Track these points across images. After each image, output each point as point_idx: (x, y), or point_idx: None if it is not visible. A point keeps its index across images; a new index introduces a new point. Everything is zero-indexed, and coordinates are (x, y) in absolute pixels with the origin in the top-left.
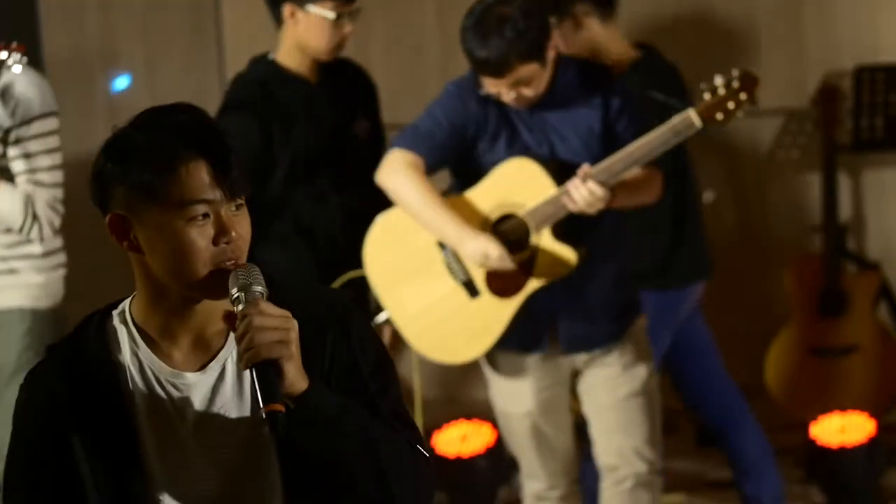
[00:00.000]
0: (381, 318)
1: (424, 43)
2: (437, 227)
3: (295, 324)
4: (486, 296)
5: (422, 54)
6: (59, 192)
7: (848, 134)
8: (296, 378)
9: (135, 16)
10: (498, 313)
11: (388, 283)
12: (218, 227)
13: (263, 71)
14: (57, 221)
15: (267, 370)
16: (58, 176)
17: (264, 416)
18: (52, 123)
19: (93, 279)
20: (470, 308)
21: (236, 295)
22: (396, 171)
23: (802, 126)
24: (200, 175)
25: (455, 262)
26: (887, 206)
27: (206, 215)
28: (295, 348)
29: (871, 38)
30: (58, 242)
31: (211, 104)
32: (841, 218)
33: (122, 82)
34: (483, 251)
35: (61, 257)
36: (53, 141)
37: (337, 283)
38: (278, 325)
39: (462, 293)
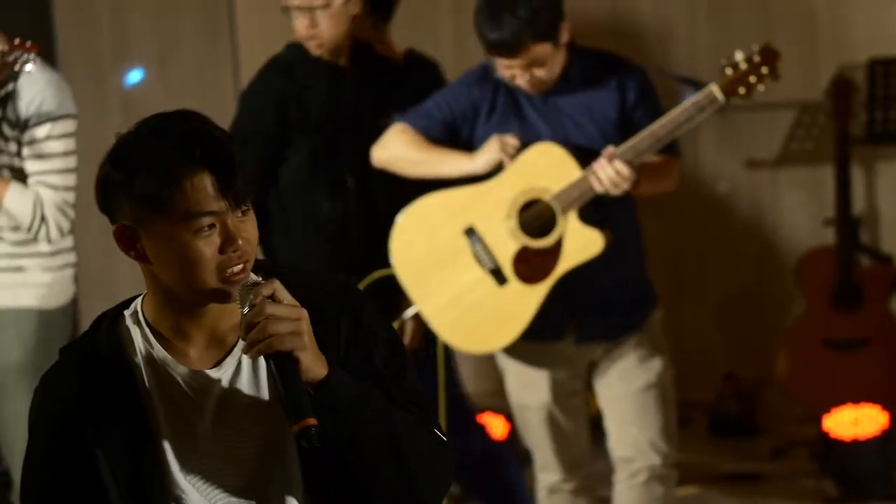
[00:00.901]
0: (409, 313)
1: (440, 39)
2: (442, 161)
3: (305, 313)
4: (514, 283)
5: (437, 51)
6: (69, 196)
7: (862, 126)
8: (314, 365)
9: (148, 10)
10: (526, 300)
11: (416, 275)
12: (224, 236)
13: (293, 54)
14: (65, 224)
15: (285, 366)
16: (70, 179)
17: (297, 434)
18: (68, 126)
19: (105, 277)
20: (498, 296)
21: (247, 311)
22: (388, 140)
23: (816, 118)
24: (205, 187)
25: (482, 251)
26: None
27: (212, 226)
28: (308, 338)
29: (884, 30)
30: (67, 242)
31: (224, 98)
32: (855, 210)
33: (135, 76)
34: (497, 142)
35: (70, 257)
36: (68, 144)
37: (362, 284)
38: (290, 314)
39: (490, 281)
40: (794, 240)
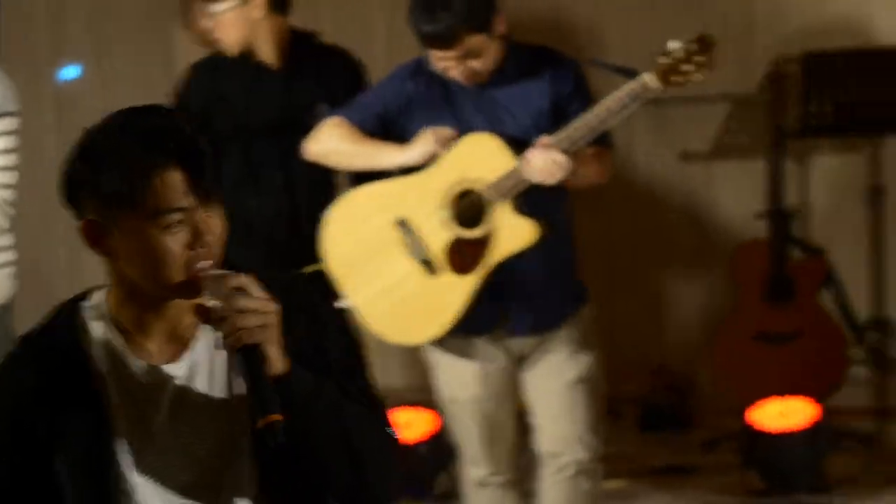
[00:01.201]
0: (339, 305)
1: (373, 36)
2: (377, 154)
3: (275, 306)
4: (445, 274)
5: (370, 48)
6: (9, 194)
7: (796, 120)
8: (277, 360)
9: (84, 4)
10: (458, 290)
11: (347, 268)
12: (193, 232)
13: (221, 54)
14: (4, 223)
15: (253, 360)
16: (11, 177)
17: (263, 427)
18: (9, 124)
19: (40, 272)
20: (429, 287)
21: (216, 303)
22: (322, 133)
23: (750, 112)
24: (174, 183)
25: (414, 242)
26: (834, 192)
27: (180, 222)
28: (277, 331)
29: (819, 23)
30: (6, 240)
31: (160, 93)
32: (788, 204)
33: (70, 72)
34: (431, 134)
35: (9, 255)
36: (9, 141)
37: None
38: (259, 307)
39: (421, 272)
40: (727, 232)
